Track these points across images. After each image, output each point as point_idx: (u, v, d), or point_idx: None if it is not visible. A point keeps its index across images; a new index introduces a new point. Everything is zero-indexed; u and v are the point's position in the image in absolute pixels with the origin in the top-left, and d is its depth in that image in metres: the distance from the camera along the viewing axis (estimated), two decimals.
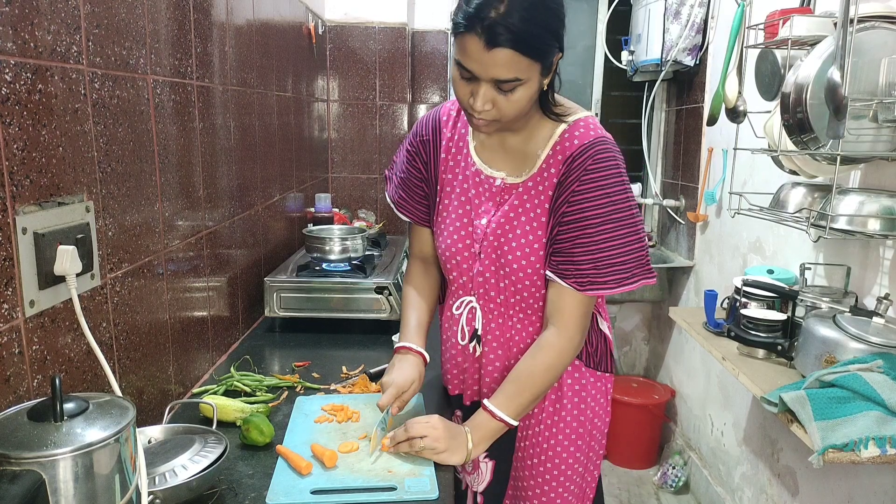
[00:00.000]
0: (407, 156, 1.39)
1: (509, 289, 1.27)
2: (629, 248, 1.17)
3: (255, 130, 2.04)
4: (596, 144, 1.17)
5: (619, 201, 1.16)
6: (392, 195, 1.44)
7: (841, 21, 1.45)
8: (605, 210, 1.15)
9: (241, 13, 1.90)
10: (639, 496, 3.02)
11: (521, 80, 1.08)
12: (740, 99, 2.07)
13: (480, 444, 1.23)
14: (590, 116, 1.23)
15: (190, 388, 1.55)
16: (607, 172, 1.16)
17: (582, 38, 3.48)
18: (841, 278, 1.82)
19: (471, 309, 1.34)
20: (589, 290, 1.19)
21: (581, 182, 1.16)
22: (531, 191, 1.23)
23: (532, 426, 1.33)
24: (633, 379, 3.41)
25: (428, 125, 1.36)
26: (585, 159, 1.16)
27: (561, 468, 1.32)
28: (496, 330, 1.32)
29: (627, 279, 1.18)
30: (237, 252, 1.89)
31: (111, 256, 1.17)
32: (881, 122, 1.51)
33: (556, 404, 1.31)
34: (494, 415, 1.22)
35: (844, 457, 1.31)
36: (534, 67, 1.09)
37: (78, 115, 1.06)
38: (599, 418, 1.36)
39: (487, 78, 1.08)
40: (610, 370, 1.36)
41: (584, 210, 1.16)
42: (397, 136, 3.23)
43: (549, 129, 1.22)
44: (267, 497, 1.10)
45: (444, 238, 1.33)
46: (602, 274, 1.17)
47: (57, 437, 0.75)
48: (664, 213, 3.36)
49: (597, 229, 1.16)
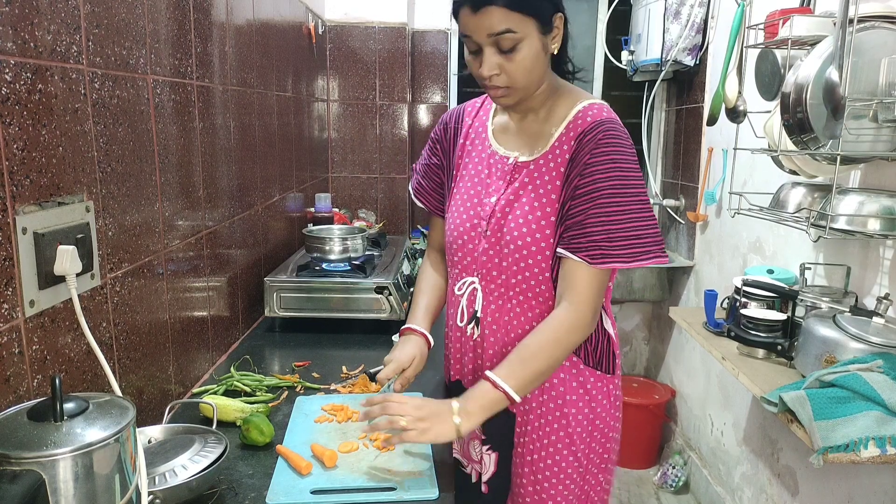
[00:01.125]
0: (430, 144, 1.46)
1: (511, 268, 1.26)
2: (642, 223, 1.17)
3: (255, 130, 2.04)
4: (607, 122, 1.19)
5: (631, 177, 1.17)
6: (413, 184, 1.50)
7: (840, 21, 1.45)
8: (617, 182, 1.16)
9: (241, 13, 1.90)
10: (639, 496, 3.02)
11: (516, 33, 1.12)
12: (740, 99, 2.07)
13: (475, 415, 1.16)
14: (603, 104, 1.25)
15: (190, 388, 1.56)
16: (619, 147, 1.18)
17: (582, 38, 3.48)
18: (841, 278, 1.82)
19: (472, 290, 1.33)
20: (601, 262, 1.16)
21: (593, 154, 1.17)
22: (542, 168, 1.24)
23: (531, 421, 1.32)
24: (633, 379, 3.41)
25: (452, 115, 1.43)
26: (597, 133, 1.18)
27: (562, 465, 1.30)
28: (496, 312, 1.30)
29: (641, 254, 1.17)
30: (237, 252, 1.89)
31: (111, 256, 1.17)
32: (881, 122, 1.51)
33: (560, 399, 1.29)
34: (496, 384, 1.16)
35: (844, 457, 1.31)
36: (527, 22, 1.12)
37: (78, 114, 1.06)
38: (603, 420, 1.32)
39: (484, 37, 1.13)
40: (612, 371, 1.33)
41: (596, 181, 1.16)
42: (397, 135, 3.23)
43: (566, 109, 1.25)
44: (267, 497, 1.10)
45: (453, 219, 1.35)
46: (615, 246, 1.16)
47: (57, 437, 0.75)
48: (664, 213, 3.36)
49: (609, 200, 1.16)
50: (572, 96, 1.27)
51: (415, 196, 1.48)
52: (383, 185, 3.28)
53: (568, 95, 1.27)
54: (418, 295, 1.46)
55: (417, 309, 1.44)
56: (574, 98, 1.26)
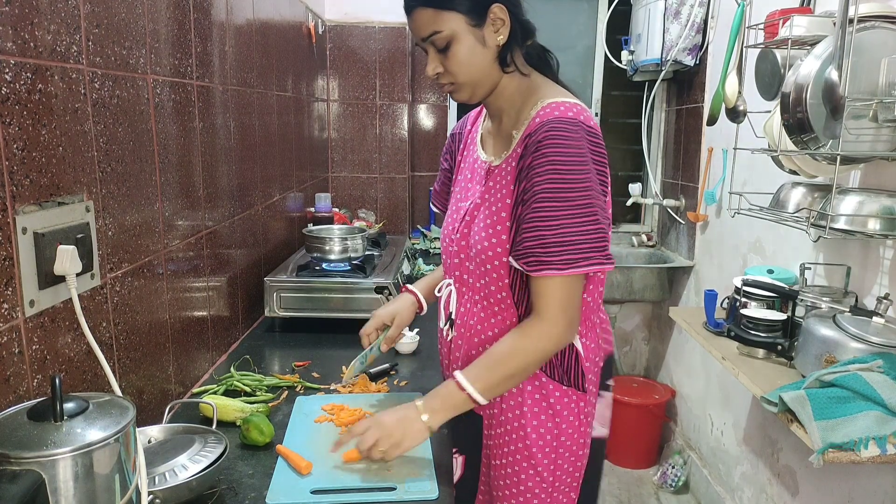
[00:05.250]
0: (444, 150, 1.50)
1: (475, 272, 1.27)
2: (580, 228, 1.10)
3: (255, 130, 2.04)
4: (553, 122, 1.12)
5: (571, 180, 1.10)
6: (432, 190, 1.57)
7: (840, 21, 1.45)
8: (554, 186, 1.10)
9: (241, 13, 1.90)
10: (639, 496, 3.02)
11: (441, 32, 1.14)
12: (740, 99, 2.07)
13: (440, 412, 1.17)
14: (569, 102, 1.17)
15: (190, 387, 1.55)
16: (560, 150, 1.11)
17: (582, 38, 3.48)
18: (841, 278, 1.82)
19: (449, 292, 1.36)
20: (536, 270, 1.12)
21: (534, 157, 1.12)
22: (503, 171, 1.22)
23: (494, 426, 1.29)
24: (633, 379, 3.41)
25: (460, 122, 1.48)
26: (539, 134, 1.12)
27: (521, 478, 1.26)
28: (465, 315, 1.31)
29: (578, 260, 1.10)
30: (237, 252, 1.89)
31: (111, 256, 1.17)
32: (881, 122, 1.50)
33: (518, 409, 1.25)
34: (461, 385, 1.16)
35: (844, 456, 1.31)
36: (451, 17, 1.14)
37: (78, 114, 1.06)
38: (570, 437, 1.26)
39: (420, 41, 1.19)
40: (581, 389, 1.25)
41: (533, 186, 1.12)
42: (397, 135, 3.23)
43: (529, 110, 1.20)
44: (267, 497, 1.10)
45: (444, 223, 1.39)
46: (549, 252, 1.10)
47: (57, 437, 0.75)
48: (664, 213, 3.36)
49: (543, 205, 1.10)
50: (538, 95, 1.20)
51: (432, 202, 1.55)
52: (383, 184, 3.28)
53: (535, 94, 1.21)
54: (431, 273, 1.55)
55: (424, 278, 1.53)
56: (538, 97, 1.20)
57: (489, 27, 1.16)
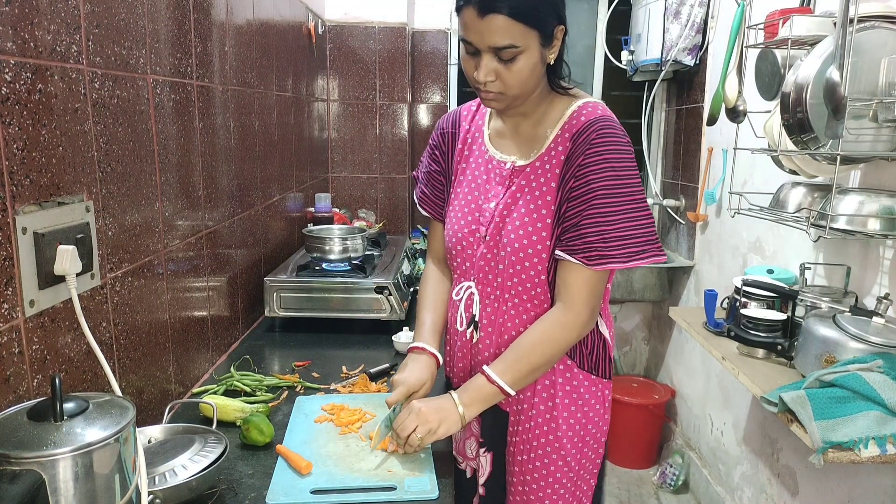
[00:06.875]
0: (429, 150, 1.45)
1: (507, 271, 1.27)
2: (637, 222, 1.17)
3: (255, 130, 2.04)
4: (601, 121, 1.19)
5: (625, 176, 1.17)
6: (417, 193, 1.50)
7: (840, 21, 1.45)
8: (611, 182, 1.16)
9: (241, 13, 1.90)
10: (639, 496, 3.02)
11: (518, 48, 1.11)
12: (740, 99, 2.07)
13: (472, 406, 1.23)
14: (599, 102, 1.25)
15: (190, 387, 1.55)
16: (613, 147, 1.17)
17: (582, 38, 3.48)
18: (841, 278, 1.82)
19: (469, 294, 1.34)
20: (597, 263, 1.17)
21: (586, 156, 1.17)
22: (538, 170, 1.24)
23: (522, 422, 1.32)
24: (633, 379, 3.41)
25: (449, 119, 1.42)
26: (590, 133, 1.18)
27: (550, 469, 1.30)
28: (491, 315, 1.31)
29: (637, 253, 1.17)
30: (237, 252, 1.89)
31: (111, 256, 1.17)
32: (881, 122, 1.51)
33: (550, 402, 1.29)
34: (490, 378, 1.22)
35: (844, 456, 1.31)
36: (530, 35, 1.12)
37: (78, 114, 1.06)
38: (595, 425, 1.32)
39: (485, 47, 1.12)
40: (608, 376, 1.33)
41: (589, 182, 1.16)
42: (397, 135, 3.23)
43: (560, 111, 1.25)
44: (267, 497, 1.10)
45: (452, 224, 1.35)
46: (610, 247, 1.16)
47: (57, 437, 0.75)
48: (664, 213, 3.36)
49: (603, 201, 1.16)
50: (567, 96, 1.26)
51: (420, 205, 1.48)
52: (383, 185, 3.28)
53: (563, 96, 1.27)
54: (423, 311, 1.43)
55: (424, 326, 1.40)
56: (569, 98, 1.26)
57: (551, 47, 1.18)
